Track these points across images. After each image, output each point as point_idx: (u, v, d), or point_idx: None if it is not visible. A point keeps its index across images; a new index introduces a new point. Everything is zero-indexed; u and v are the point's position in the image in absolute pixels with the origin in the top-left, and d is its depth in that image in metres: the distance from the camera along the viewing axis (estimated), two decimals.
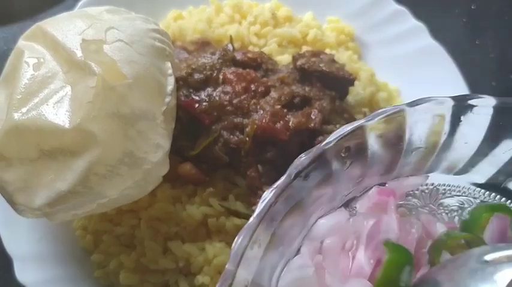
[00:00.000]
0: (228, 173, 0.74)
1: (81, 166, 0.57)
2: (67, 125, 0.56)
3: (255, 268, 0.42)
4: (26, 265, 0.71)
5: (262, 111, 0.71)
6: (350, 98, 0.82)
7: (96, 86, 0.56)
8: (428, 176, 0.53)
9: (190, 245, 0.71)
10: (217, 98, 0.72)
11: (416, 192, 0.54)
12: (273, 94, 0.73)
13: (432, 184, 0.54)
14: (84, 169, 0.57)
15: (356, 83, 0.82)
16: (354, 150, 0.46)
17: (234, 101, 0.72)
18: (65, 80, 0.59)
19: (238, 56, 0.78)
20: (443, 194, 0.54)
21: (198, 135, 0.73)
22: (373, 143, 0.47)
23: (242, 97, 0.72)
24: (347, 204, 0.52)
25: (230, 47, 0.79)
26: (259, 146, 0.70)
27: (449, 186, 0.54)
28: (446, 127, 0.49)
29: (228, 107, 0.72)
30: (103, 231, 0.73)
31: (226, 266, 0.40)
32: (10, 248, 0.71)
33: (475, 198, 0.54)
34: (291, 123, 0.70)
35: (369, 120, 0.45)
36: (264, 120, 0.69)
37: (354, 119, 0.77)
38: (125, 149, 0.58)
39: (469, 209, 0.53)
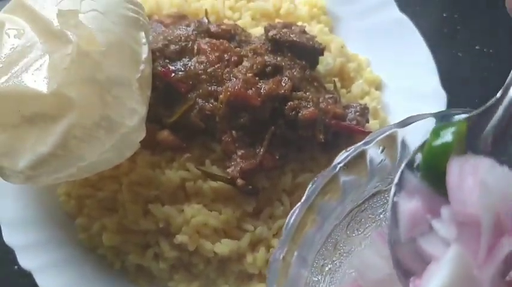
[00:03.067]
0: (204, 139, 0.77)
1: (61, 129, 0.61)
2: (45, 90, 0.60)
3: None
4: (13, 229, 0.74)
5: (235, 79, 0.74)
6: (321, 68, 0.85)
7: (71, 53, 0.60)
8: None
9: (169, 207, 0.74)
10: (192, 67, 0.76)
11: None
12: (246, 63, 0.76)
13: None
14: (63, 132, 0.61)
15: (327, 53, 0.86)
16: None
17: (209, 70, 0.75)
18: (43, 49, 0.62)
19: (213, 28, 0.81)
20: None
21: (174, 103, 0.76)
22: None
23: (216, 66, 0.76)
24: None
25: (205, 20, 0.83)
26: (233, 112, 0.73)
27: None
28: None
29: (203, 76, 0.75)
30: (86, 196, 0.76)
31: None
32: None
33: None
34: (262, 89, 0.73)
35: (367, 143, 0.48)
36: (236, 87, 0.73)
37: (324, 88, 0.81)
38: (102, 113, 0.62)
39: None
